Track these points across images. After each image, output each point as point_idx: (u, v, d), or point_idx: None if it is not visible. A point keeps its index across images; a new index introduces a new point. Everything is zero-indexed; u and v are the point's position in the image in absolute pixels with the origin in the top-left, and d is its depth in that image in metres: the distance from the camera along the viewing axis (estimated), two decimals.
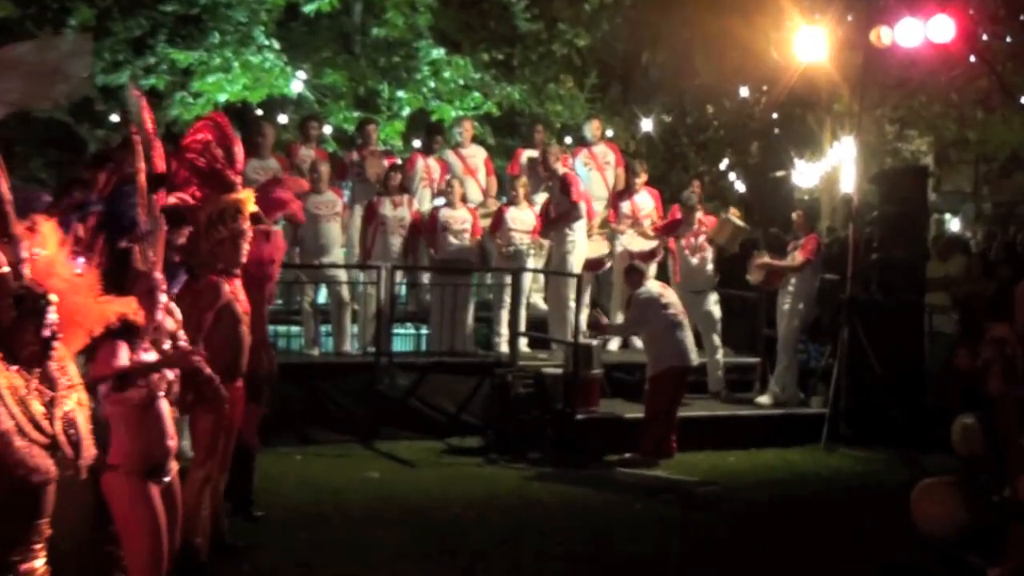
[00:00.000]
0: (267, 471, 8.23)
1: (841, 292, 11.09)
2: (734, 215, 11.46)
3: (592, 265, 11.47)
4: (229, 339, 6.15)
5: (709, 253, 11.15)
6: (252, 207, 6.23)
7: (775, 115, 18.43)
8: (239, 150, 6.32)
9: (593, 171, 12.35)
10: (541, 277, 12.56)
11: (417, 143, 14.09)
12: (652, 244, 11.41)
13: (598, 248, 11.49)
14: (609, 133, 16.17)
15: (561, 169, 11.19)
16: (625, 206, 11.75)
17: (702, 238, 11.16)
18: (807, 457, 10.31)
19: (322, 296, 11.31)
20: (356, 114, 15.54)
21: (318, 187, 10.75)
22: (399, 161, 12.15)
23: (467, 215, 11.22)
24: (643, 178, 11.80)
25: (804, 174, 18.82)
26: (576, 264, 10.97)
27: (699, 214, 11.30)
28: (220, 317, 6.12)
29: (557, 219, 10.97)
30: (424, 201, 11.97)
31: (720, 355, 11.15)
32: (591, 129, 12.55)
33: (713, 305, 11.16)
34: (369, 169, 11.77)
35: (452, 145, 12.44)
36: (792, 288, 10.94)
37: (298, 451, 9.74)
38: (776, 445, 10.49)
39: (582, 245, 11.05)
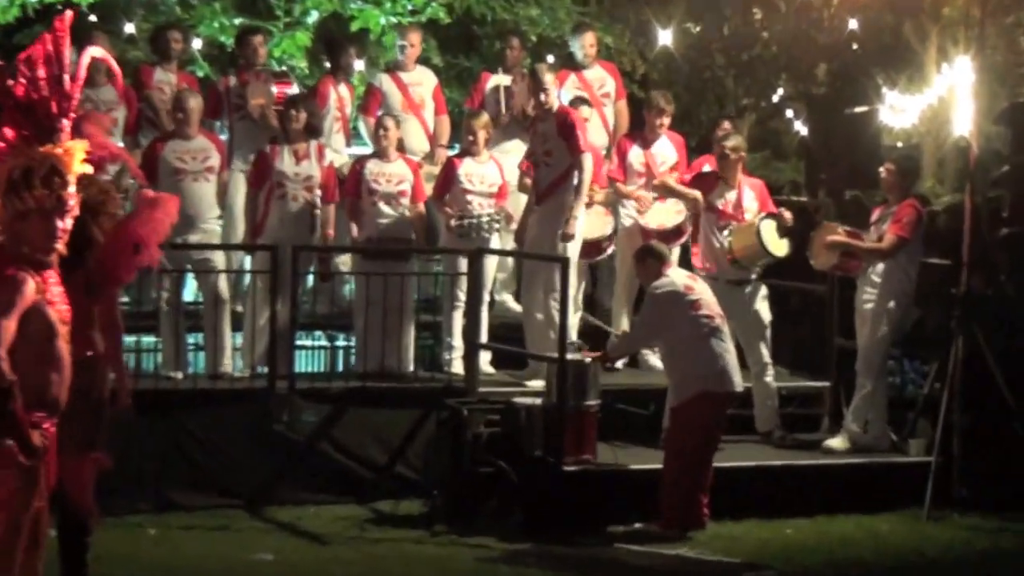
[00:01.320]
0: (110, 551, 8.20)
1: (953, 285, 11.17)
2: (777, 221, 11.18)
3: (589, 250, 11.50)
4: (37, 360, 6.10)
5: (749, 215, 11.13)
6: (81, 166, 6.20)
7: (854, 23, 18.50)
8: (69, 77, 6.28)
9: (588, 107, 12.36)
10: (510, 264, 12.56)
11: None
12: (679, 217, 11.43)
13: (598, 224, 11.52)
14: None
15: (556, 102, 11.21)
16: (635, 158, 11.77)
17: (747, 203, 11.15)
18: (902, 527, 10.35)
19: (189, 292, 11.27)
20: (238, 21, 15.51)
21: (182, 130, 10.73)
22: (294, 89, 12.16)
23: (406, 171, 11.22)
24: (667, 118, 11.86)
25: (897, 110, 18.87)
26: (572, 248, 11.01)
27: (738, 168, 11.31)
28: (24, 327, 6.07)
29: (578, 185, 10.87)
30: (340, 151, 11.96)
31: (772, 377, 11.21)
32: (583, 44, 12.57)
33: (760, 303, 11.21)
34: (250, 99, 11.74)
35: (387, 66, 12.47)
36: (879, 279, 11.00)
37: (155, 521, 9.71)
38: (856, 510, 10.52)
39: (581, 220, 11.08)
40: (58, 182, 6.10)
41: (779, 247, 11.09)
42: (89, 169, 6.28)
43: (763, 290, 11.27)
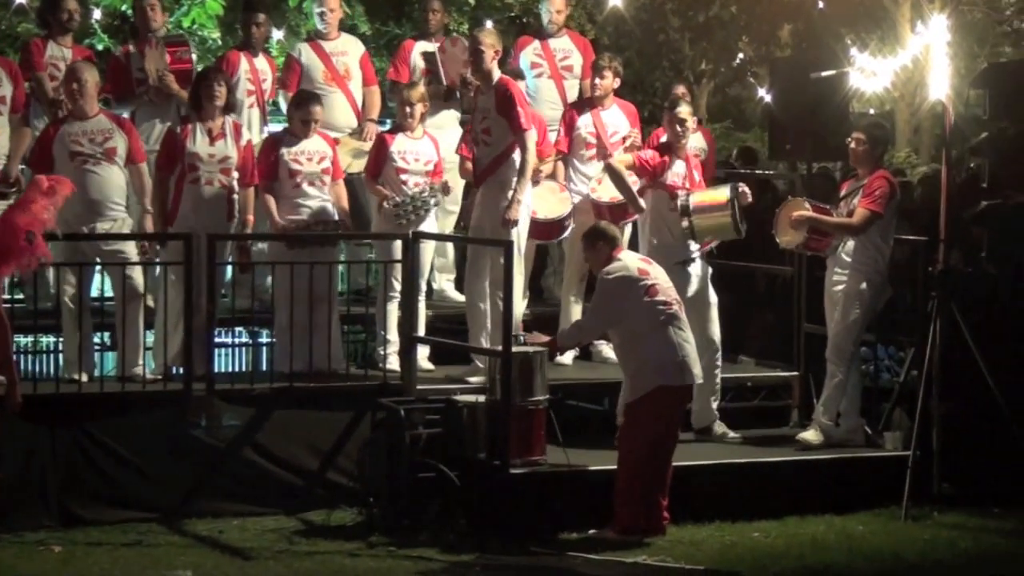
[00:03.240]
0: (10, 572, 8.31)
1: (930, 263, 11.23)
2: (732, 195, 11.20)
3: (549, 230, 11.52)
4: None
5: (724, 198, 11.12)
6: None
7: None
8: None
9: (545, 79, 12.42)
10: (450, 249, 12.55)
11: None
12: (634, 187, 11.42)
13: (554, 202, 11.50)
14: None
15: (496, 72, 11.19)
16: (584, 126, 11.82)
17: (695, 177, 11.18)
18: (879, 528, 10.41)
19: (95, 286, 11.21)
20: None
21: (80, 107, 10.65)
22: (193, 54, 12.10)
23: (326, 148, 11.19)
24: (613, 81, 11.90)
25: (868, 74, 18.90)
26: (520, 230, 10.99)
27: (692, 133, 11.31)
28: None
29: (521, 166, 10.86)
30: (254, 126, 11.91)
31: (719, 363, 11.15)
32: (549, 9, 12.59)
33: (708, 281, 11.19)
34: (146, 65, 11.63)
35: (306, 36, 12.42)
36: (849, 257, 11.06)
37: (60, 538, 9.65)
38: (829, 510, 10.60)
39: (526, 204, 11.06)
40: None
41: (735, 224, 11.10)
42: None
43: (708, 269, 11.29)
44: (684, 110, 11.24)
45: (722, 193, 11.05)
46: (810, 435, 11.12)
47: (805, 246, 11.26)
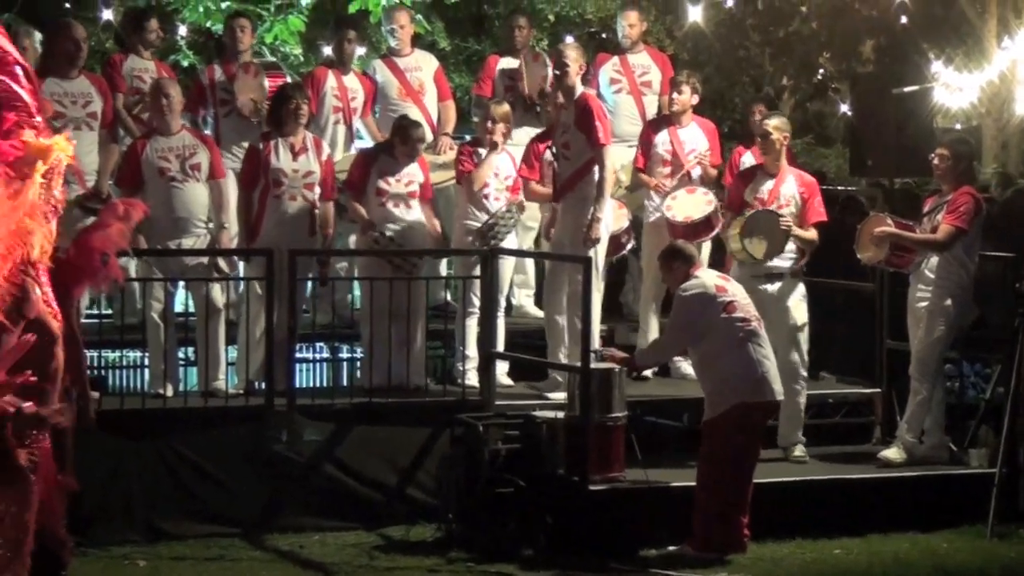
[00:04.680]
0: None
1: (1017, 279, 11.17)
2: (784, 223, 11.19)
3: (608, 247, 11.50)
4: (34, 373, 6.25)
5: (788, 211, 11.12)
6: (65, 154, 6.34)
7: None
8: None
9: (624, 94, 12.46)
10: (529, 265, 12.59)
11: (328, 51, 14.16)
12: (709, 207, 11.45)
13: (612, 219, 11.51)
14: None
15: (579, 87, 11.23)
16: (661, 144, 11.81)
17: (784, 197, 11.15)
18: (964, 545, 10.36)
19: (179, 302, 11.35)
20: (226, 4, 15.56)
21: (165, 123, 10.79)
22: (286, 80, 12.21)
23: (417, 171, 11.29)
24: (691, 97, 11.88)
25: (953, 89, 18.76)
26: (600, 247, 11.03)
27: (782, 153, 11.30)
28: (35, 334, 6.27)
29: (599, 182, 10.88)
30: (337, 144, 12.00)
31: (802, 387, 11.05)
32: (623, 25, 12.60)
33: (796, 303, 11.16)
34: (239, 94, 11.80)
35: (383, 52, 12.52)
36: (933, 274, 11.02)
37: (144, 552, 9.73)
38: (913, 527, 10.55)
39: (607, 222, 11.11)
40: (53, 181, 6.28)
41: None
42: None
43: (799, 288, 11.18)
44: (775, 121, 11.29)
45: (773, 217, 10.99)
46: (892, 453, 11.07)
47: (887, 262, 11.20)
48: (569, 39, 14.68)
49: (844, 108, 19.71)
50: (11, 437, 6.13)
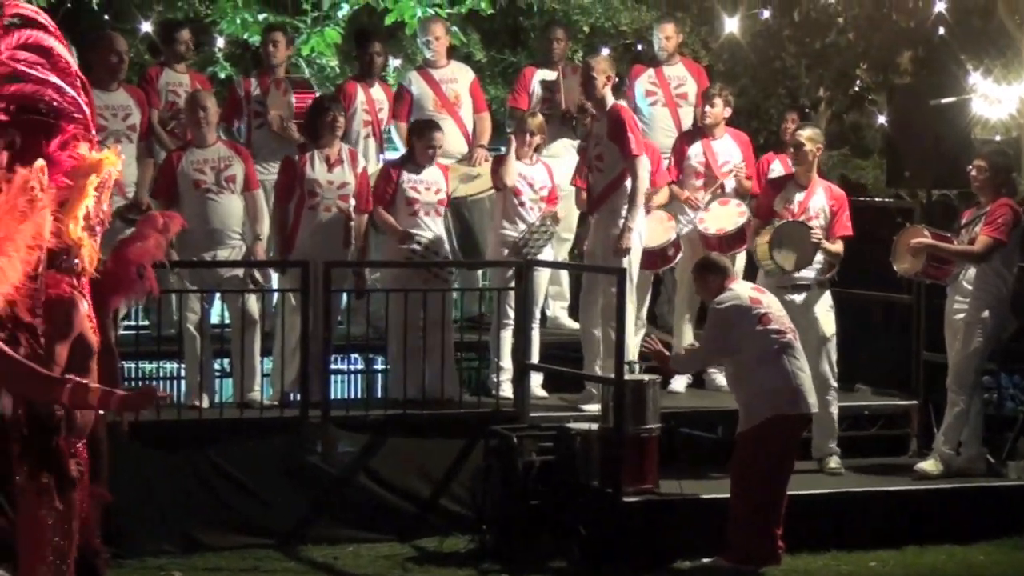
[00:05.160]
0: None
1: None
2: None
3: (652, 260, 11.53)
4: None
5: (816, 223, 11.14)
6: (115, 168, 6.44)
7: (941, 5, 18.42)
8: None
9: (660, 106, 12.44)
10: (564, 276, 12.61)
11: None
12: (742, 219, 11.48)
13: (660, 231, 11.56)
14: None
15: (609, 98, 11.26)
16: (694, 156, 11.85)
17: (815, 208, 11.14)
18: (1001, 558, 10.35)
19: (215, 314, 11.40)
20: (263, 16, 15.61)
21: (201, 135, 10.86)
22: (315, 93, 12.22)
23: (441, 179, 11.31)
24: (724, 110, 11.89)
25: (992, 101, 18.72)
26: (632, 258, 11.07)
27: (814, 164, 11.30)
28: (73, 348, 6.36)
29: (632, 193, 10.90)
30: (370, 156, 12.05)
31: (833, 397, 11.05)
32: (659, 37, 12.63)
33: (824, 313, 11.17)
34: (271, 108, 11.86)
35: (418, 64, 12.54)
36: (971, 285, 11.01)
37: (180, 563, 9.78)
38: (949, 540, 10.53)
39: (639, 231, 11.15)
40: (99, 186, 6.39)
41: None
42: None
43: (826, 298, 11.19)
44: (808, 132, 11.31)
45: (800, 228, 11.01)
46: (929, 465, 11.05)
47: (923, 273, 11.19)
48: (604, 51, 14.74)
49: (881, 119, 19.62)
50: (63, 445, 6.20)
